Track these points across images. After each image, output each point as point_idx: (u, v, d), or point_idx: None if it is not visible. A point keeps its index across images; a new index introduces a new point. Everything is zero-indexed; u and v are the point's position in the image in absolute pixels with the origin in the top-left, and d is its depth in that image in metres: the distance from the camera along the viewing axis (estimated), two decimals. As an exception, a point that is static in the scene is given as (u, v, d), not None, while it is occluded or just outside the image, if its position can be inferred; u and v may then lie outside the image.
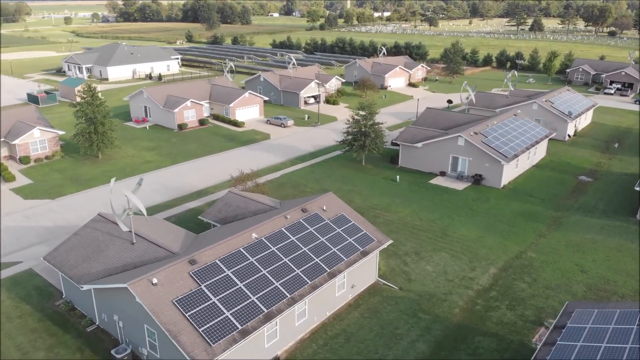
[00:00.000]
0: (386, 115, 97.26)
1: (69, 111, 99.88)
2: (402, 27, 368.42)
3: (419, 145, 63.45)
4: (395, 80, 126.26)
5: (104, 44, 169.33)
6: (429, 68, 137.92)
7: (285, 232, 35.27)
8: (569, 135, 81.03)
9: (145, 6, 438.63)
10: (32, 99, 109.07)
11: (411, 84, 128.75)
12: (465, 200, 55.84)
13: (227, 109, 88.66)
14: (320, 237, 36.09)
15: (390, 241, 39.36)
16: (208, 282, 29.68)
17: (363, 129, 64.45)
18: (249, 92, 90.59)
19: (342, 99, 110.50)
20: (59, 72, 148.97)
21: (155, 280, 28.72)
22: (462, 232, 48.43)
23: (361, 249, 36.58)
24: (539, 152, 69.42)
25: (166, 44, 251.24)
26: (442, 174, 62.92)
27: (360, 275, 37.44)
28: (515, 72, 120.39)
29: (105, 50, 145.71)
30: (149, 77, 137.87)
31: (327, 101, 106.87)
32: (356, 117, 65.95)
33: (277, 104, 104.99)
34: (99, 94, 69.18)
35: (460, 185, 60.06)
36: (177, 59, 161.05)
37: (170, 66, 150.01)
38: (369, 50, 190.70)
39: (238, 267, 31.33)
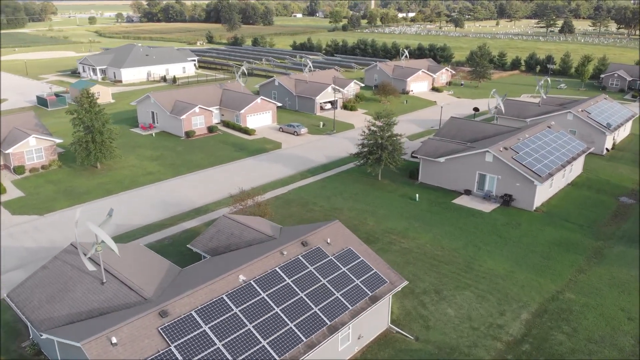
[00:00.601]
0: (407, 122, 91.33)
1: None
2: (427, 28, 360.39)
3: (442, 160, 57.47)
4: (418, 85, 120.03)
5: (123, 45, 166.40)
6: (453, 72, 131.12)
7: (280, 272, 29.91)
8: (607, 149, 73.99)
9: (168, 6, 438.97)
10: (41, 101, 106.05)
11: (435, 89, 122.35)
12: (494, 225, 49.70)
13: (237, 115, 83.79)
14: (321, 278, 30.63)
15: (405, 282, 33.65)
16: (179, 342, 24.48)
17: (379, 141, 58.71)
18: (261, 98, 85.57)
19: (361, 105, 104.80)
20: (74, 73, 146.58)
21: (115, 340, 23.65)
22: (490, 265, 42.39)
23: (370, 294, 31.00)
24: (575, 168, 62.75)
25: (187, 44, 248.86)
26: (467, 192, 56.82)
27: (368, 324, 31.86)
28: (548, 79, 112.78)
29: (120, 52, 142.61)
30: (164, 79, 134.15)
31: (345, 107, 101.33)
32: (372, 127, 60.27)
33: (291, 110, 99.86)
34: (97, 100, 64.64)
35: (487, 207, 53.89)
36: (194, 60, 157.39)
37: (186, 68, 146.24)
38: (391, 53, 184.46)
39: (218, 320, 26.05)
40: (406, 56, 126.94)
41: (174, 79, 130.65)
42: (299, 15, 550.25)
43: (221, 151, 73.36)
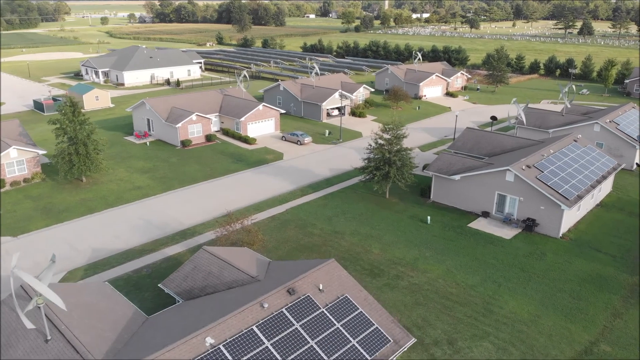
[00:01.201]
0: (419, 130, 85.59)
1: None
2: (441, 29, 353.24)
3: (457, 178, 51.74)
4: (431, 90, 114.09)
5: (127, 47, 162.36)
6: (469, 75, 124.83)
7: (258, 332, 24.58)
8: (637, 164, 67.68)
9: (180, 7, 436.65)
10: (38, 106, 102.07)
11: (449, 94, 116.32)
12: (515, 256, 43.89)
13: (237, 123, 78.70)
14: (309, 339, 25.24)
15: (413, 340, 28.14)
16: None
17: (387, 156, 53.13)
18: (263, 105, 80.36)
19: (370, 111, 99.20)
20: (77, 75, 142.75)
21: None
22: (512, 307, 36.65)
23: (369, 358, 25.51)
24: (604, 187, 56.64)
25: (196, 45, 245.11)
26: (485, 215, 51.04)
27: (366, 392, 26.39)
28: (573, 86, 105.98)
29: (124, 54, 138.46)
30: (167, 82, 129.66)
31: (353, 113, 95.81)
32: (379, 140, 54.71)
33: (297, 116, 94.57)
34: (82, 109, 59.76)
35: (507, 232, 48.08)
36: (200, 63, 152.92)
37: (192, 71, 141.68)
38: (404, 55, 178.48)
39: (174, 402, 20.79)
40: (419, 59, 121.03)
41: (178, 83, 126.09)
42: (312, 16, 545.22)
43: (218, 162, 68.26)
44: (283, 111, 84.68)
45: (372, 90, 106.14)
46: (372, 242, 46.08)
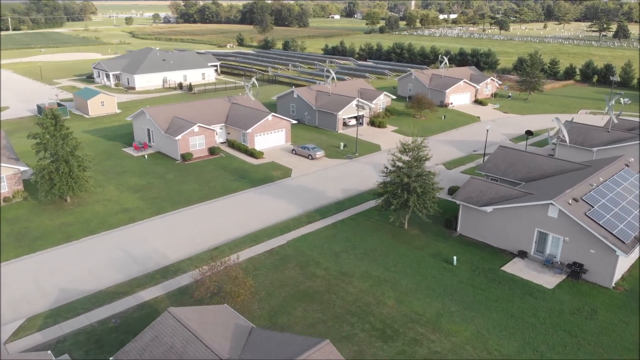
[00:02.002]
0: (444, 143, 77.75)
1: (76, 128, 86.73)
2: (469, 30, 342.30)
3: (489, 209, 43.95)
4: (459, 97, 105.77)
5: (140, 48, 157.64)
6: (499, 82, 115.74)
7: None
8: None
9: (204, 7, 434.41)
10: (41, 111, 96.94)
11: (478, 101, 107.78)
12: (560, 313, 35.97)
13: (244, 135, 71.99)
14: None
15: None
16: None
17: (405, 181, 45.56)
18: (273, 115, 73.48)
19: (391, 120, 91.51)
20: (89, 78, 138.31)
21: None
22: (559, 391, 28.91)
23: None
24: (664, 220, 48.04)
25: (217, 47, 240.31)
26: (522, 255, 43.15)
27: None
28: (622, 100, 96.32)
29: (136, 56, 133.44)
30: (180, 87, 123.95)
31: (372, 122, 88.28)
32: (397, 162, 47.19)
33: (311, 126, 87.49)
34: (64, 122, 53.67)
35: (549, 279, 40.11)
36: (215, 66, 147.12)
37: (206, 74, 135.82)
38: (429, 58, 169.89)
39: None
40: (445, 64, 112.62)
41: (190, 87, 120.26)
42: (337, 17, 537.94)
43: (218, 180, 61.57)
44: (294, 121, 77.65)
45: (394, 97, 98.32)
46: (386, 288, 38.65)
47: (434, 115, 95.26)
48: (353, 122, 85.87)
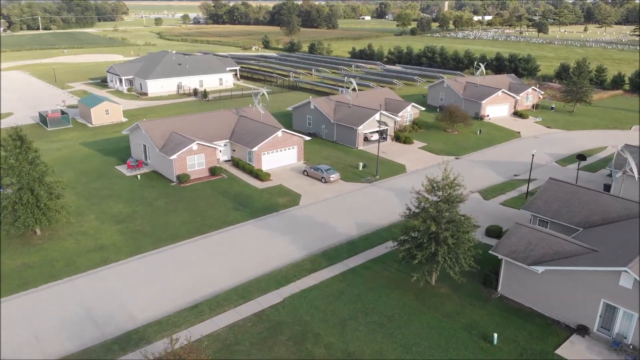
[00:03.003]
0: (480, 165, 67.89)
1: (75, 139, 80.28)
2: (505, 33, 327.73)
3: (540, 269, 34.18)
4: (496, 109, 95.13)
5: (157, 51, 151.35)
6: (542, 92, 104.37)
7: None
8: None
9: (234, 8, 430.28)
10: (43, 119, 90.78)
11: (517, 113, 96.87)
12: None
13: (250, 153, 63.46)
14: None
15: None
16: None
17: (433, 230, 35.96)
18: (283, 131, 64.74)
19: (419, 135, 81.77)
20: (103, 82, 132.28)
21: None
22: None
23: None
24: None
25: (241, 49, 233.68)
26: (583, 331, 33.25)
27: None
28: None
29: (151, 60, 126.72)
30: (194, 93, 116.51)
31: (397, 137, 78.78)
32: (424, 203, 37.63)
33: (328, 140, 78.50)
34: (32, 143, 45.90)
35: (622, 373, 30.23)
36: (235, 70, 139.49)
37: (224, 80, 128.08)
38: (463, 63, 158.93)
39: None
40: (482, 71, 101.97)
41: (205, 94, 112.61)
42: (367, 18, 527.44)
43: (215, 208, 53.14)
44: (308, 138, 68.67)
45: (423, 109, 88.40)
46: (403, 380, 29.35)
47: (467, 130, 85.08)
48: (375, 136, 76.52)
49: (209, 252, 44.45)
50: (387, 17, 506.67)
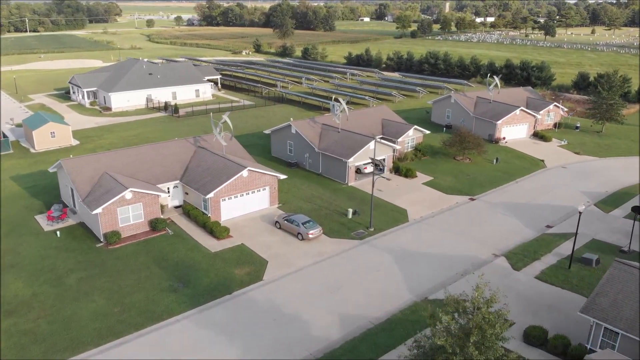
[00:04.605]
0: (500, 208, 53.72)
1: (8, 171, 66.14)
2: (510, 35, 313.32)
3: None
4: (513, 130, 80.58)
5: (125, 59, 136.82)
6: (565, 109, 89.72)
7: None
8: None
9: (228, 10, 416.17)
10: (-23, 143, 76.22)
11: (537, 134, 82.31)
12: None
13: (204, 200, 48.94)
14: None
15: None
16: None
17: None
18: (249, 170, 50.14)
19: (423, 164, 67.37)
20: (67, 94, 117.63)
21: None
22: None
23: None
24: None
25: (231, 53, 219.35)
26: None
27: None
28: None
29: (119, 69, 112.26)
30: (165, 107, 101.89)
31: (397, 169, 64.35)
32: (442, 331, 23.07)
33: (313, 172, 64.09)
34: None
35: None
36: (215, 80, 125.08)
37: (202, 91, 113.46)
38: (469, 70, 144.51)
39: None
40: (496, 85, 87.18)
41: (175, 108, 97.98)
42: (366, 19, 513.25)
43: (144, 288, 38.58)
44: (283, 177, 53.92)
45: (427, 132, 73.81)
46: None
47: (481, 159, 70.60)
48: (370, 168, 62.12)
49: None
50: (386, 18, 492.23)
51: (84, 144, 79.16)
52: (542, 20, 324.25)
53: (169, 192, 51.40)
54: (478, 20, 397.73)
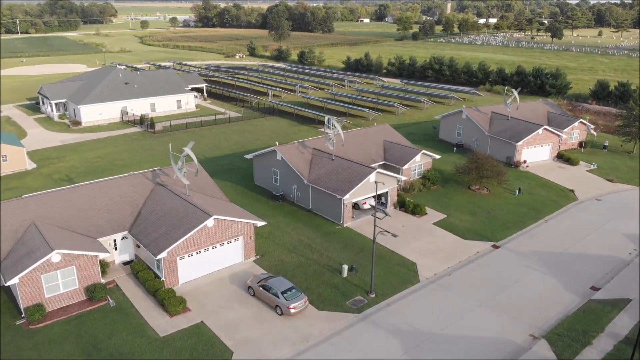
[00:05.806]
0: (529, 259, 43.04)
1: None
2: (514, 37, 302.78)
3: None
4: (535, 152, 69.91)
5: (100, 67, 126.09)
6: (591, 126, 78.72)
7: None
8: None
9: (224, 11, 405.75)
10: None
11: (562, 156, 71.66)
12: None
13: (158, 262, 38.23)
14: None
15: None
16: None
17: None
18: (215, 218, 39.34)
19: (433, 195, 56.65)
20: (37, 104, 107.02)
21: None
22: None
23: None
24: None
25: (224, 57, 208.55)
26: None
27: None
28: None
29: (92, 78, 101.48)
30: (140, 121, 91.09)
31: (402, 204, 53.70)
32: None
33: (301, 207, 53.43)
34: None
35: None
36: (201, 89, 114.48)
37: (184, 101, 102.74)
38: (477, 77, 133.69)
39: None
40: (514, 98, 76.32)
41: (151, 123, 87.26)
42: (366, 20, 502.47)
43: (61, 402, 27.96)
44: (262, 223, 43.15)
45: (437, 157, 62.98)
46: None
47: (501, 189, 59.90)
48: (370, 204, 51.55)
49: None
50: (386, 19, 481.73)
51: (41, 167, 68.71)
52: (546, 22, 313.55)
53: (116, 247, 40.71)
54: (480, 21, 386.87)
